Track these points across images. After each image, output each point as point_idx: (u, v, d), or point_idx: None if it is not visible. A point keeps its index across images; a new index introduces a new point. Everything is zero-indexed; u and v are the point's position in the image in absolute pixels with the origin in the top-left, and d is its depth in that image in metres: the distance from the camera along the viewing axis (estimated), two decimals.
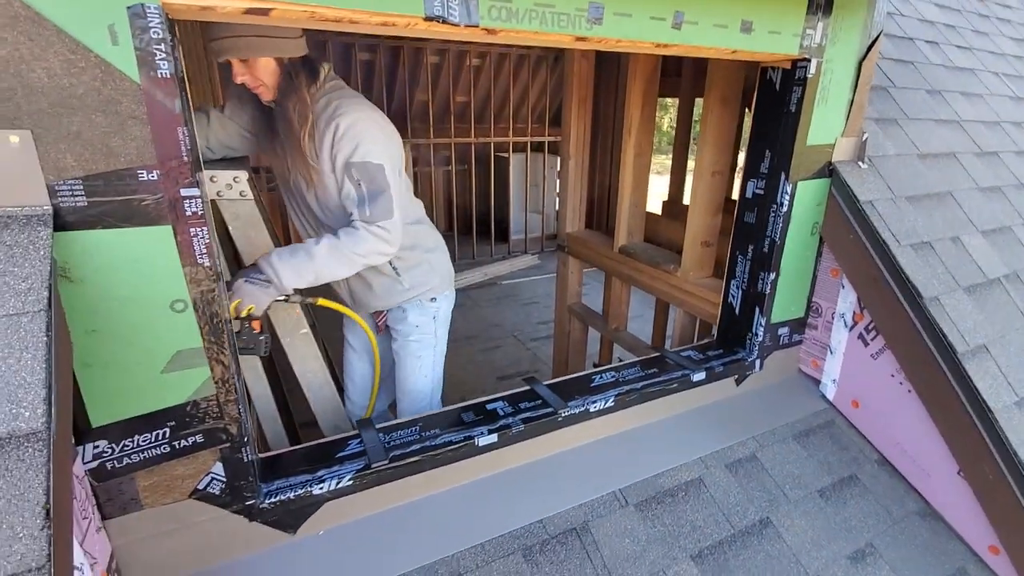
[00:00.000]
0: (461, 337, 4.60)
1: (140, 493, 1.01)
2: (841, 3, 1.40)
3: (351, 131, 1.40)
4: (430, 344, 1.83)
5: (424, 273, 1.74)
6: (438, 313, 1.82)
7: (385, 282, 1.70)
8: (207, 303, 0.93)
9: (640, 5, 1.12)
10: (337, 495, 1.15)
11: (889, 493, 1.58)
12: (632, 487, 1.39)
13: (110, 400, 0.93)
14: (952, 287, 1.52)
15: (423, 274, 1.74)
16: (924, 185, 1.72)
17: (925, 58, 2.22)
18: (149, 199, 0.86)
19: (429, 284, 1.76)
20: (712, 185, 1.97)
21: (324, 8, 0.89)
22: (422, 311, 1.79)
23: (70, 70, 0.77)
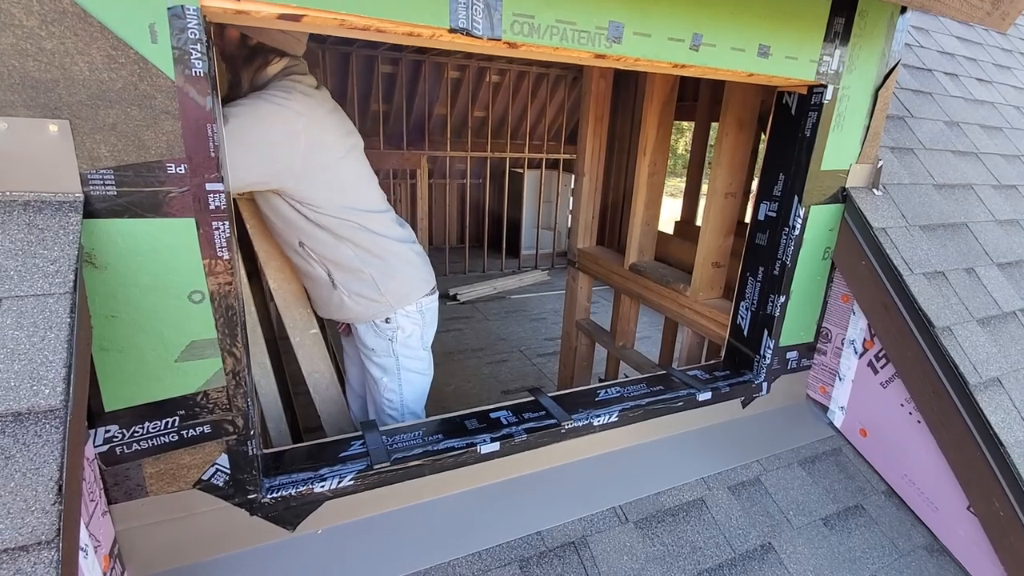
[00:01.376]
0: (468, 349, 4.61)
1: (146, 480, 1.02)
2: (859, 32, 1.42)
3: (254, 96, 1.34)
4: (392, 368, 1.68)
5: (366, 288, 1.56)
6: (396, 335, 1.64)
7: (323, 292, 1.57)
8: (224, 295, 0.96)
9: (659, 26, 1.15)
10: (338, 494, 1.16)
11: (896, 525, 1.55)
12: (633, 504, 1.38)
13: (124, 385, 0.95)
14: (965, 318, 1.50)
15: (365, 289, 1.56)
16: (939, 215, 1.71)
17: (944, 90, 2.23)
18: (175, 192, 0.89)
19: (376, 304, 1.59)
20: (725, 206, 1.98)
21: (354, 16, 0.92)
22: (376, 333, 1.63)
23: (110, 65, 0.81)
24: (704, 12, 1.18)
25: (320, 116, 1.42)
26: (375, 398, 1.74)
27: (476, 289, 5.99)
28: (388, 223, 1.60)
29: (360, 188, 1.54)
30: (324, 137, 1.42)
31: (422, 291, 1.69)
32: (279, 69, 1.43)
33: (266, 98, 1.33)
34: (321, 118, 1.42)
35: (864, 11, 1.40)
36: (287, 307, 1.65)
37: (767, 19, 1.26)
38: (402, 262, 1.62)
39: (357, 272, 1.55)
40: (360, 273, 1.55)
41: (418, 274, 1.67)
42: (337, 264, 1.53)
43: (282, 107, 1.33)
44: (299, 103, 1.36)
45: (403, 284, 1.62)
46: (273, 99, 1.33)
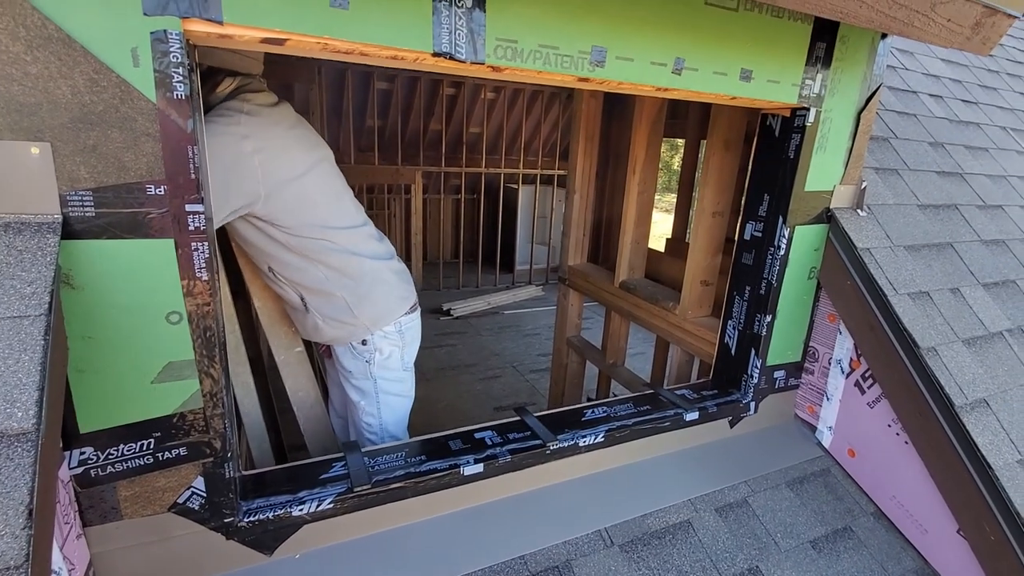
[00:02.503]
0: (461, 365, 4.59)
1: (120, 503, 1.01)
2: (840, 56, 1.44)
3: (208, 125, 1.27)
4: (370, 391, 1.64)
5: (339, 310, 1.52)
6: (374, 357, 1.61)
7: (297, 315, 1.55)
8: (202, 316, 0.95)
9: (641, 50, 1.16)
10: (317, 518, 1.14)
11: (885, 549, 1.53)
12: (618, 527, 1.37)
13: (99, 407, 0.94)
14: (951, 338, 1.51)
15: (338, 311, 1.52)
16: (924, 235, 1.73)
17: (929, 111, 2.26)
18: (155, 212, 0.89)
19: (351, 325, 1.55)
20: (713, 225, 1.99)
21: (337, 41, 0.93)
22: (353, 355, 1.60)
23: (92, 88, 0.82)
24: (686, 37, 1.20)
25: (274, 134, 1.38)
26: (355, 421, 1.71)
27: (470, 304, 5.99)
28: (363, 239, 1.56)
29: (330, 203, 1.50)
30: (282, 155, 1.39)
31: (400, 310, 1.64)
32: (229, 91, 1.39)
33: (209, 127, 1.27)
34: (275, 136, 1.39)
35: (845, 36, 1.42)
36: (271, 325, 1.65)
37: (749, 44, 1.28)
38: (377, 282, 1.58)
39: (329, 295, 1.51)
40: (332, 296, 1.51)
41: (395, 293, 1.63)
42: (308, 288, 1.50)
43: (224, 134, 1.30)
44: (244, 125, 1.33)
45: (378, 305, 1.58)
46: (214, 128, 1.29)
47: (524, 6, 1.03)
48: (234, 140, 1.31)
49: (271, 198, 1.37)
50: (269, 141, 1.37)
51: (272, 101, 1.44)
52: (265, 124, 1.37)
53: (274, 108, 1.42)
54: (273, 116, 1.41)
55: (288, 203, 1.40)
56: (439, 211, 7.08)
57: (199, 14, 0.83)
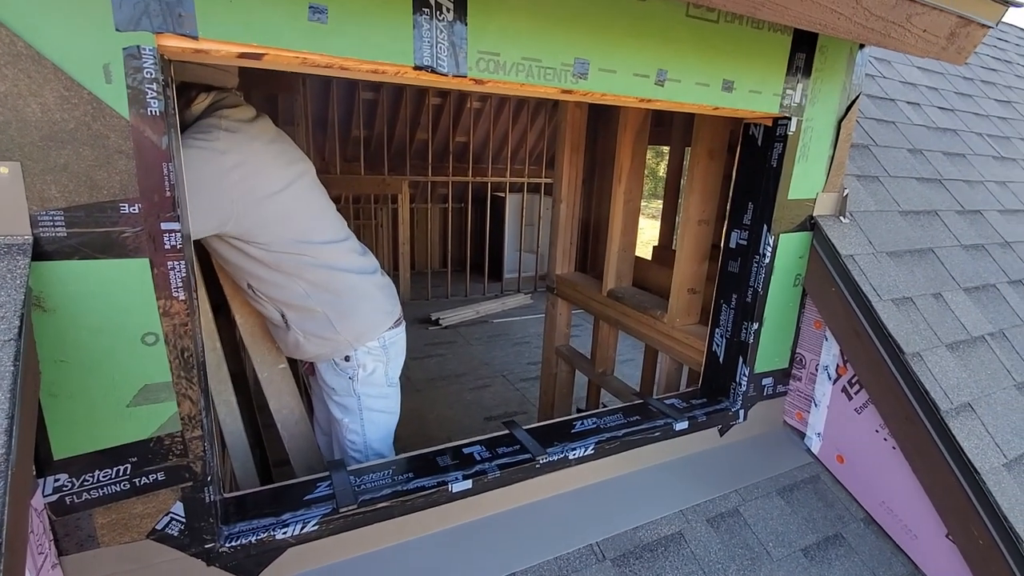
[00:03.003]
0: (450, 375, 4.56)
1: (97, 531, 0.97)
2: (820, 67, 1.46)
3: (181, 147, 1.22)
4: (353, 408, 1.61)
5: (320, 326, 1.50)
6: (357, 373, 1.58)
7: (279, 331, 1.53)
8: (179, 337, 0.93)
9: (624, 62, 1.17)
10: (301, 540, 1.11)
11: (875, 555, 1.53)
12: (610, 540, 1.35)
13: (74, 432, 0.91)
14: (935, 343, 1.52)
15: (320, 327, 1.50)
16: (905, 241, 1.74)
17: (907, 118, 2.30)
18: (128, 232, 0.86)
19: (334, 342, 1.53)
20: (698, 233, 2.00)
21: (316, 55, 0.92)
22: (335, 372, 1.58)
23: (63, 105, 0.79)
24: (668, 49, 1.20)
25: (254, 149, 1.36)
26: (338, 438, 1.67)
27: (459, 313, 5.97)
28: (345, 254, 1.54)
29: (310, 218, 1.48)
30: (260, 171, 1.37)
31: (384, 325, 1.61)
32: (205, 106, 1.36)
33: (187, 144, 1.25)
34: (256, 151, 1.36)
35: (824, 47, 1.44)
36: (254, 342, 1.62)
37: (730, 55, 1.29)
38: (360, 298, 1.55)
39: (310, 312, 1.49)
40: (313, 312, 1.49)
41: (378, 308, 1.60)
42: (288, 304, 1.48)
43: (204, 150, 1.28)
44: (223, 141, 1.31)
45: (361, 321, 1.56)
46: (193, 144, 1.27)
47: (506, 19, 1.03)
48: (214, 157, 1.29)
49: (249, 215, 1.35)
50: (248, 157, 1.34)
51: (250, 116, 1.41)
52: (244, 140, 1.35)
53: (252, 123, 1.40)
54: (251, 131, 1.38)
55: (266, 219, 1.38)
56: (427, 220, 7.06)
57: (173, 29, 0.81)
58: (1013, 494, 1.32)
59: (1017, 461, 1.39)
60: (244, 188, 1.33)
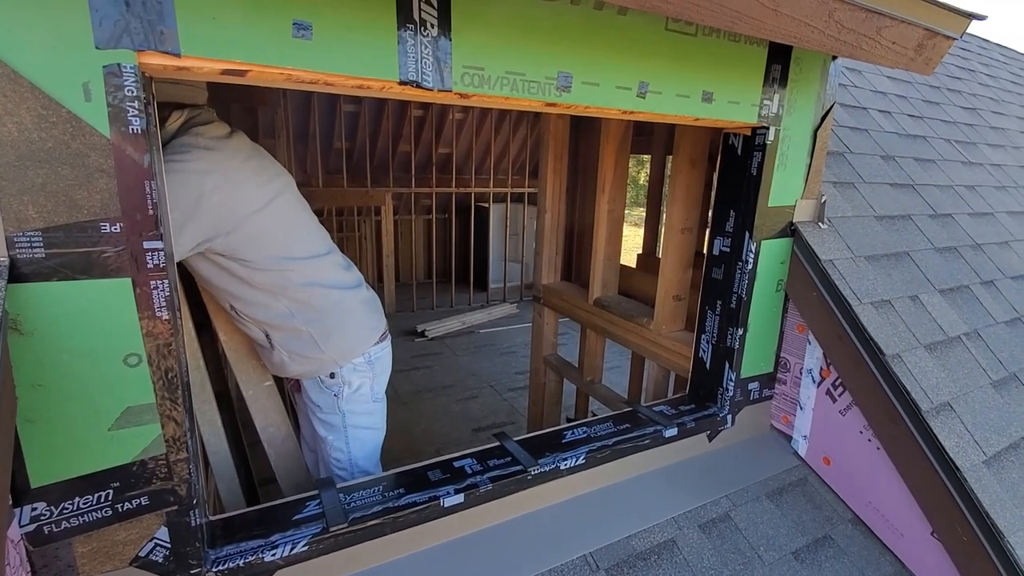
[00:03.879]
0: (437, 386, 4.53)
1: (77, 560, 0.94)
2: (795, 77, 1.50)
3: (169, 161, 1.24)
4: (337, 426, 1.60)
5: (305, 345, 1.49)
6: (342, 390, 1.57)
7: (264, 351, 1.52)
8: (163, 357, 0.91)
9: (607, 75, 1.18)
10: (291, 562, 1.09)
11: (864, 555, 1.55)
12: (603, 550, 1.35)
13: (52, 459, 0.88)
14: (913, 344, 1.56)
15: (304, 346, 1.49)
16: (882, 245, 1.79)
17: (879, 126, 2.37)
18: (110, 251, 0.85)
19: (318, 359, 1.52)
20: (682, 241, 2.03)
21: (301, 71, 0.92)
22: (320, 390, 1.57)
23: (41, 124, 0.78)
24: (649, 62, 1.22)
25: (232, 167, 1.34)
26: (323, 456, 1.65)
27: (445, 324, 5.94)
28: (329, 268, 1.52)
29: (292, 234, 1.46)
30: (240, 188, 1.35)
31: (369, 341, 1.59)
32: (178, 125, 1.33)
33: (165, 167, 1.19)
34: (233, 169, 1.34)
35: (799, 58, 1.48)
36: (238, 359, 1.59)
37: (709, 67, 1.32)
38: (344, 314, 1.54)
39: (294, 331, 1.48)
40: (298, 332, 1.48)
41: (363, 324, 1.59)
42: (272, 325, 1.47)
43: (183, 172, 1.25)
44: (202, 161, 1.28)
45: (346, 338, 1.54)
46: (172, 166, 1.24)
47: (489, 34, 1.04)
48: (195, 177, 1.27)
49: (232, 233, 1.33)
50: (228, 175, 1.32)
51: (225, 132, 1.38)
52: (222, 158, 1.33)
53: (228, 140, 1.37)
54: (228, 149, 1.35)
55: (249, 237, 1.36)
56: (411, 232, 7.04)
57: (155, 47, 0.80)
58: (994, 491, 1.35)
59: (996, 458, 1.43)
60: (226, 208, 1.31)
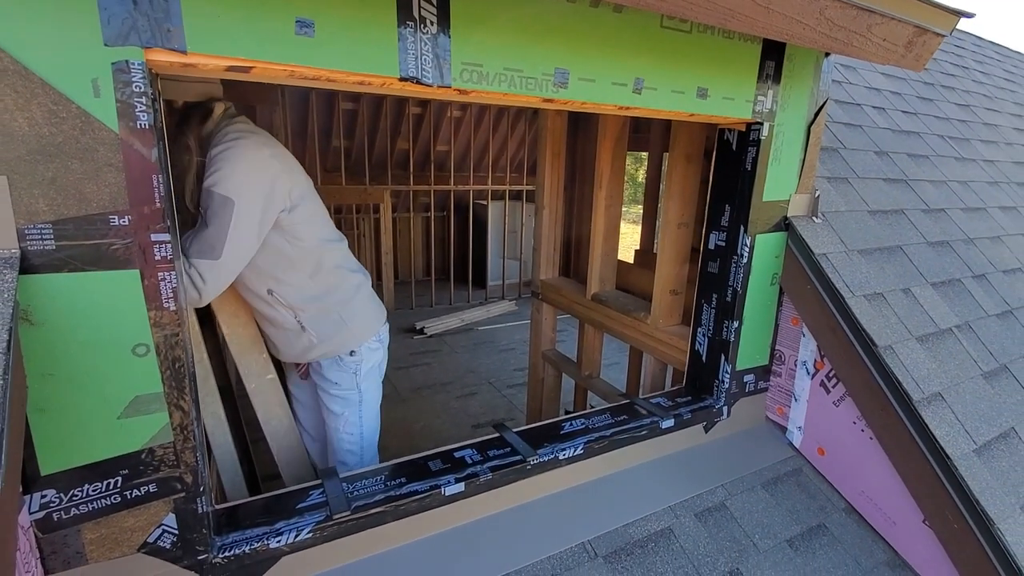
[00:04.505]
0: (436, 383, 4.55)
1: (86, 547, 0.96)
2: (789, 74, 1.52)
3: (218, 157, 1.29)
4: (353, 401, 1.68)
5: (334, 325, 1.57)
6: (359, 368, 1.66)
7: (290, 336, 1.57)
8: (171, 347, 0.93)
9: (603, 72, 1.21)
10: (296, 548, 1.11)
11: (857, 543, 1.58)
12: (601, 538, 1.37)
13: (62, 447, 0.91)
14: (905, 336, 1.58)
15: (333, 326, 1.57)
16: (875, 239, 1.82)
17: (873, 122, 2.39)
18: (118, 244, 0.87)
19: (341, 338, 1.60)
20: (679, 236, 2.05)
21: (304, 67, 0.94)
22: (340, 367, 1.64)
23: (51, 120, 0.80)
24: (644, 58, 1.25)
25: (281, 151, 1.44)
26: (333, 438, 1.71)
27: (443, 322, 5.96)
28: (346, 253, 1.64)
29: (325, 218, 1.57)
30: (294, 169, 1.45)
31: (381, 320, 1.73)
32: (222, 112, 1.41)
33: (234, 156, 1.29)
34: (283, 153, 1.44)
35: (792, 55, 1.50)
36: (241, 353, 1.61)
37: (704, 64, 1.34)
38: (361, 295, 1.65)
39: (325, 311, 1.56)
40: (327, 312, 1.57)
41: (377, 305, 1.72)
42: (304, 307, 1.53)
43: (253, 155, 1.33)
44: (264, 146, 1.36)
45: (365, 316, 1.65)
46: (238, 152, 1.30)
47: (488, 31, 1.06)
48: (265, 159, 1.35)
49: (293, 211, 1.42)
50: (284, 157, 1.43)
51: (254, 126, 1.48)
52: (272, 143, 1.42)
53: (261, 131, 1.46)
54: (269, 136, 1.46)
55: (303, 216, 1.45)
56: (409, 229, 7.05)
57: (162, 44, 0.82)
58: (983, 479, 1.38)
59: (986, 447, 1.45)
60: (289, 186, 1.40)
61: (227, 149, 1.30)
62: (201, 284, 1.28)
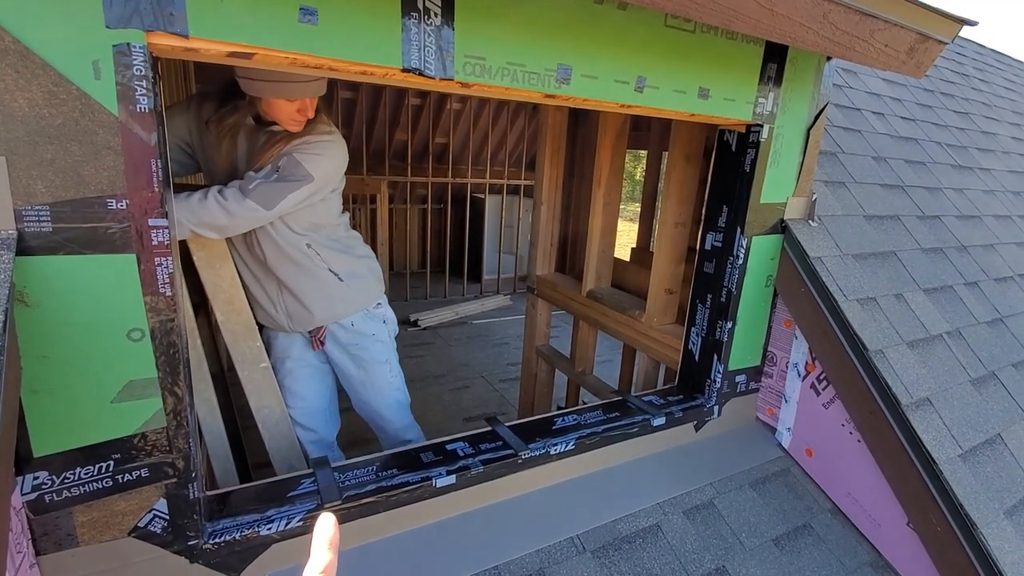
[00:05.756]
0: (429, 376, 4.55)
1: (77, 529, 0.96)
2: (790, 76, 1.53)
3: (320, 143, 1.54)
4: (391, 348, 1.88)
5: (362, 277, 1.79)
6: (386, 317, 1.87)
7: (329, 290, 1.72)
8: (165, 333, 0.93)
9: (605, 69, 1.21)
10: (286, 536, 1.12)
11: (842, 543, 1.60)
12: (590, 533, 1.39)
13: (55, 429, 0.90)
14: (896, 341, 1.60)
15: (361, 278, 1.78)
16: (870, 244, 1.83)
17: (872, 127, 2.40)
18: (115, 227, 0.86)
19: (370, 289, 1.81)
20: (675, 236, 2.06)
21: (305, 56, 0.93)
22: (372, 318, 1.82)
23: (51, 101, 0.79)
24: (647, 57, 1.25)
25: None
26: (385, 391, 1.87)
27: (438, 314, 5.96)
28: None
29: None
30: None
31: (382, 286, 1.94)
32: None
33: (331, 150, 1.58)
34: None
35: (794, 58, 1.51)
36: (235, 340, 1.61)
37: (706, 64, 1.34)
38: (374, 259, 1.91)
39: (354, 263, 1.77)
40: (356, 264, 1.78)
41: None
42: (337, 260, 1.72)
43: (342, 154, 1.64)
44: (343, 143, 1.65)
45: (378, 273, 1.89)
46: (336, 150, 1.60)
47: (491, 25, 1.06)
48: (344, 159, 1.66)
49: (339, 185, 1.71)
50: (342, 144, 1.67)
51: None
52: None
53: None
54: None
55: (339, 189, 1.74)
56: (405, 221, 7.03)
57: (164, 27, 0.82)
58: (968, 483, 1.40)
59: (972, 452, 1.48)
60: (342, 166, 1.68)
61: (329, 141, 1.56)
62: (235, 221, 1.43)
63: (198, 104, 1.60)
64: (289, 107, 1.48)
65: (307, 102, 1.51)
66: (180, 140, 1.61)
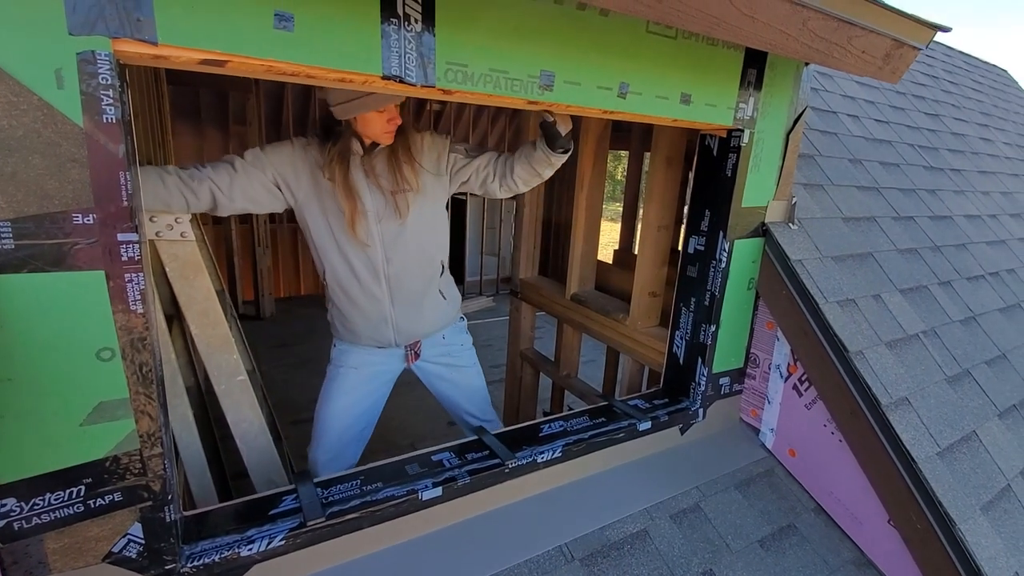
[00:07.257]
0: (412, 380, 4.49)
1: (48, 556, 0.92)
2: (770, 82, 1.54)
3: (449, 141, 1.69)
4: (475, 353, 2.02)
5: (455, 293, 1.88)
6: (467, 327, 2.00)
7: (443, 305, 1.81)
8: (137, 351, 0.89)
9: (588, 75, 1.20)
10: (267, 556, 1.09)
11: (825, 542, 1.62)
12: (578, 541, 1.38)
13: (22, 454, 0.86)
14: (875, 342, 1.63)
15: (455, 293, 1.88)
16: (848, 246, 1.86)
17: (847, 130, 2.44)
18: (82, 243, 0.83)
19: (459, 303, 1.90)
20: (658, 239, 2.07)
21: (282, 63, 0.90)
22: (461, 329, 1.94)
23: (11, 112, 0.75)
24: (630, 63, 1.24)
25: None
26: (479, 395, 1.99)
27: None
28: None
29: None
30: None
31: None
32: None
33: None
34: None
35: (773, 64, 1.52)
36: (211, 353, 1.56)
37: (688, 70, 1.34)
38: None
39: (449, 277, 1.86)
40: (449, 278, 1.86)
41: None
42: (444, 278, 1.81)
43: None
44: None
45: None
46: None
47: (473, 31, 1.04)
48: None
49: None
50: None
51: None
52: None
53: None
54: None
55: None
56: None
57: (131, 34, 0.78)
58: (946, 481, 1.42)
59: (949, 450, 1.51)
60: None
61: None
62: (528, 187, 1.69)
63: (303, 148, 1.59)
64: (380, 119, 1.51)
65: (393, 110, 1.53)
66: (277, 174, 1.54)
